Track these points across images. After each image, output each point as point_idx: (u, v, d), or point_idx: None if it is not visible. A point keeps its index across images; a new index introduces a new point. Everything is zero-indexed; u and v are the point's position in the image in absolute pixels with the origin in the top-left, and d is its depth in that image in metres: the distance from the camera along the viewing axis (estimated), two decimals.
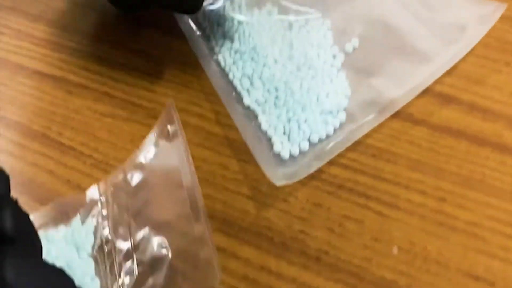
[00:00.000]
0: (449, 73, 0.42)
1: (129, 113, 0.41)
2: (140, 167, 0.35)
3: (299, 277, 0.33)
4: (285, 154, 0.37)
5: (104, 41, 0.45)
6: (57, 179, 0.38)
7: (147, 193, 0.34)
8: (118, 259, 0.32)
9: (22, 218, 0.22)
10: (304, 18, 0.45)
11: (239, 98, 0.40)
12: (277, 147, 0.37)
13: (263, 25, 0.44)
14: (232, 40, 0.43)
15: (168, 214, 0.33)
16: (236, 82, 0.41)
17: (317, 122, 0.39)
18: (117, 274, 0.31)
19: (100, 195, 0.35)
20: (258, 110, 0.39)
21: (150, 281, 0.30)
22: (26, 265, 0.20)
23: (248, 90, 0.40)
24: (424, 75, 0.41)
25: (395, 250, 0.34)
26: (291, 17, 0.45)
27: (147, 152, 0.35)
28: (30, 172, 0.38)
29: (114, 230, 0.33)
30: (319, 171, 0.37)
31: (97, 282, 0.32)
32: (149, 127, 0.38)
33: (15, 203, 0.22)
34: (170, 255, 0.31)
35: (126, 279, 0.31)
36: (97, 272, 0.32)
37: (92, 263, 0.32)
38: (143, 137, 0.37)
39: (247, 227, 0.35)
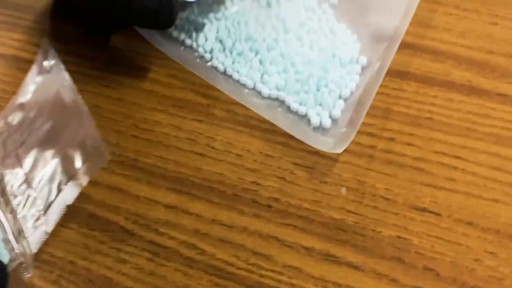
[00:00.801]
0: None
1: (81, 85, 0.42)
2: (20, 107, 0.38)
3: (250, 225, 0.34)
4: (326, 123, 0.38)
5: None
6: None
7: (30, 125, 0.37)
8: (11, 185, 0.34)
9: None
10: None
11: (254, 93, 0.40)
12: (315, 120, 0.38)
13: (243, 13, 0.44)
14: (220, 41, 0.43)
15: (56, 130, 0.36)
16: (245, 80, 0.40)
17: (343, 77, 0.39)
18: (10, 196, 0.34)
19: None
20: (281, 95, 0.39)
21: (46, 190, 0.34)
22: None
23: (262, 81, 0.40)
24: (405, 3, 0.43)
25: (343, 191, 0.35)
26: None
27: (26, 93, 0.38)
28: None
29: (2, 163, 0.35)
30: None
31: None
32: None
33: None
34: (60, 161, 0.35)
35: (19, 199, 0.34)
36: None
37: None
38: None
39: (200, 183, 0.36)
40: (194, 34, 0.43)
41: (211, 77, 0.40)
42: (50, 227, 0.33)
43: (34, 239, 0.33)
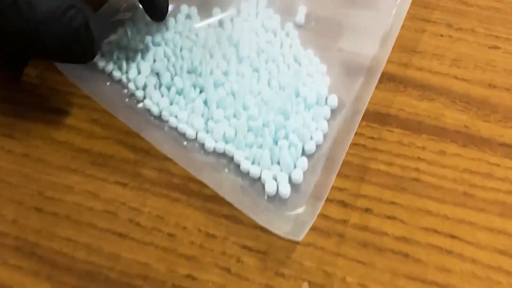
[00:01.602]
0: None
1: None
2: None
3: None
4: (284, 191, 0.29)
5: None
6: None
7: None
8: None
9: None
10: (234, 9, 0.37)
11: (195, 146, 0.31)
12: (270, 187, 0.29)
13: (188, 36, 0.36)
14: (157, 73, 0.34)
15: None
16: (185, 128, 0.31)
17: (308, 124, 0.31)
18: None
19: None
20: (229, 149, 0.30)
21: None
22: None
23: (207, 129, 0.31)
24: (386, 23, 0.35)
25: (305, 286, 0.27)
26: (215, 14, 0.37)
27: None
28: None
29: None
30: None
31: None
32: None
33: None
34: None
35: None
36: None
37: None
38: None
39: (116, 278, 0.27)
40: (124, 65, 0.34)
41: (142, 123, 0.32)
42: None
43: None
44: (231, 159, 0.30)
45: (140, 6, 0.33)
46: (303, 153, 0.30)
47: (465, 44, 0.36)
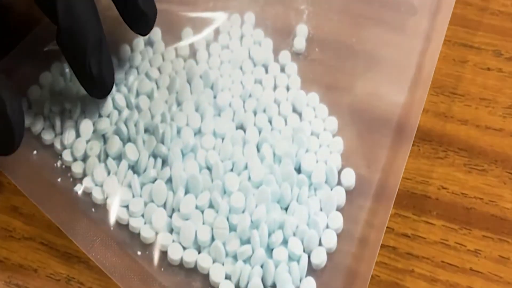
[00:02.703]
0: None
1: None
2: None
3: None
4: None
5: None
6: None
7: None
8: None
9: None
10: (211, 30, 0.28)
11: (153, 257, 0.22)
12: None
13: (146, 72, 0.26)
14: (103, 136, 0.24)
15: None
16: (138, 225, 0.22)
17: (315, 221, 0.22)
18: None
19: None
20: (204, 262, 0.21)
21: None
22: None
23: (171, 229, 0.22)
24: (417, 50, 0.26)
25: None
26: (186, 36, 0.28)
27: None
28: None
29: None
30: None
31: None
32: None
33: None
34: None
35: None
36: None
37: None
38: None
39: None
40: (58, 123, 0.24)
41: (78, 220, 0.22)
42: None
43: None
44: (204, 276, 0.21)
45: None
46: (310, 267, 0.21)
47: None
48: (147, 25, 0.24)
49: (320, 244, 0.21)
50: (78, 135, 0.24)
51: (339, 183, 0.23)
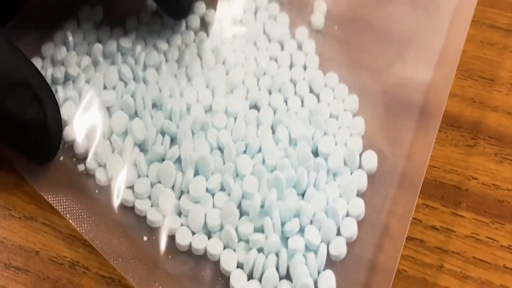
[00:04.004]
0: None
1: None
2: None
3: None
4: None
5: None
6: None
7: None
8: None
9: None
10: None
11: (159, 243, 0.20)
12: None
13: (154, 43, 0.24)
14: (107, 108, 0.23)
15: None
16: (144, 207, 0.20)
17: (333, 207, 0.20)
18: None
19: None
20: (213, 249, 0.20)
21: None
22: None
23: (179, 212, 0.20)
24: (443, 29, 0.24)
25: None
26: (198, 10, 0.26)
27: None
28: None
29: None
30: None
31: None
32: None
33: None
34: None
35: None
36: None
37: None
38: None
39: None
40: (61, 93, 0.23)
41: (80, 202, 0.21)
42: None
43: None
44: (215, 264, 0.19)
45: None
46: (329, 259, 0.19)
47: None
48: (185, 14, 0.24)
49: (338, 233, 0.20)
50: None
51: (360, 166, 0.21)
